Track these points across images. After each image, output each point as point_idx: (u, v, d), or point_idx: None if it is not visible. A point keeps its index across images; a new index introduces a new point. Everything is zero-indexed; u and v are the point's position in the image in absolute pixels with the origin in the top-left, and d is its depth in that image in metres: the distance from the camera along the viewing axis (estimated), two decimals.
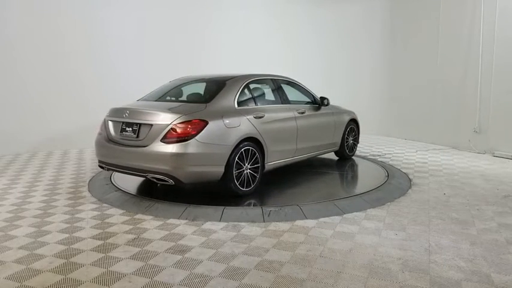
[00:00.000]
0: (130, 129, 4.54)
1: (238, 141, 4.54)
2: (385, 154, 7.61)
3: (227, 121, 4.53)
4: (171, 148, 4.19)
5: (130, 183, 5.30)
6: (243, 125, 4.67)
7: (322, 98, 6.24)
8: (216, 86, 5.10)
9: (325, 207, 4.28)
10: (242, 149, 4.59)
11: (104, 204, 4.50)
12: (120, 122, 4.69)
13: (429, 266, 2.93)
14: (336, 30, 10.83)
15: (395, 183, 5.24)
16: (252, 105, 5.08)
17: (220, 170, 4.42)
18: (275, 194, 4.92)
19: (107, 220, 3.97)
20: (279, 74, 6.05)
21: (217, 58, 9.49)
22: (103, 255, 3.15)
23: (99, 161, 4.92)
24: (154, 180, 4.40)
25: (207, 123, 4.33)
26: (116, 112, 4.84)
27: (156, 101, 5.24)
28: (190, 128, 4.25)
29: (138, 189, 5.02)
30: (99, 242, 3.41)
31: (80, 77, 8.37)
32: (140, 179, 5.67)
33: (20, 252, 3.21)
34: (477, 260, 3.04)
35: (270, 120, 5.07)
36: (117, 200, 4.57)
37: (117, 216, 4.10)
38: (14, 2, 7.57)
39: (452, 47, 8.46)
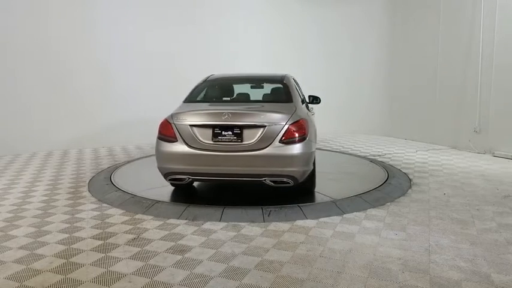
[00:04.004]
0: (230, 132, 4.20)
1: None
2: (385, 154, 7.61)
3: (312, 119, 4.64)
4: (293, 149, 4.15)
5: (130, 183, 5.29)
6: (314, 122, 4.79)
7: (315, 97, 6.29)
8: (280, 86, 5.19)
9: (325, 207, 4.28)
10: None
11: (104, 204, 4.50)
12: (211, 125, 4.26)
13: (429, 266, 2.93)
14: (337, 31, 10.83)
15: (395, 183, 5.24)
16: (303, 104, 5.17)
17: (312, 166, 4.49)
18: (277, 194, 4.92)
19: (107, 220, 3.97)
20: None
21: (218, 58, 9.46)
22: (103, 255, 3.15)
23: (176, 173, 4.35)
24: (271, 183, 4.23)
25: (307, 122, 4.41)
26: (199, 116, 4.39)
27: (222, 102, 5.14)
28: (302, 128, 4.27)
29: (138, 189, 5.00)
30: (99, 242, 3.41)
31: (80, 79, 8.38)
32: (140, 179, 5.67)
33: (20, 252, 3.21)
34: (477, 260, 3.04)
35: (312, 117, 5.22)
36: (117, 200, 4.57)
37: (117, 216, 4.10)
38: (19, 3, 7.58)
39: (452, 47, 8.46)
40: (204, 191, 4.96)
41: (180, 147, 4.28)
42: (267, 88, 5.50)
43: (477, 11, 7.78)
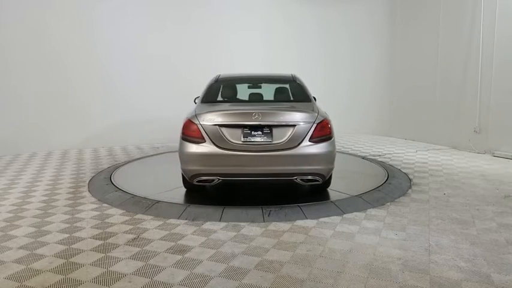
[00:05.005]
0: (260, 132, 4.22)
1: None
2: (385, 154, 7.61)
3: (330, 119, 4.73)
4: (323, 147, 4.27)
5: (130, 183, 5.29)
6: None
7: None
8: (294, 85, 5.26)
9: (325, 207, 4.28)
10: None
11: (104, 204, 4.50)
12: (240, 125, 4.24)
13: (429, 266, 2.93)
14: (337, 31, 10.81)
15: (395, 183, 5.24)
16: None
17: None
18: (275, 193, 4.92)
19: (107, 220, 3.97)
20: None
21: (218, 59, 9.44)
22: (103, 255, 3.15)
23: (205, 174, 4.28)
24: (301, 182, 4.32)
25: (330, 121, 4.50)
26: (228, 116, 4.32)
27: (242, 101, 5.13)
28: (328, 127, 4.38)
29: (138, 189, 4.99)
30: (99, 242, 3.41)
31: (80, 79, 8.38)
32: (140, 179, 5.67)
33: (20, 252, 3.21)
34: (477, 260, 3.04)
35: None
36: (117, 200, 4.57)
37: (117, 216, 4.10)
38: (19, 5, 7.58)
39: (452, 46, 8.46)
40: (203, 191, 4.95)
41: (208, 148, 4.22)
42: (281, 87, 5.53)
43: (477, 11, 7.78)
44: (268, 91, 5.56)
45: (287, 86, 5.48)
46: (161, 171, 6.31)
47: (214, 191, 5.01)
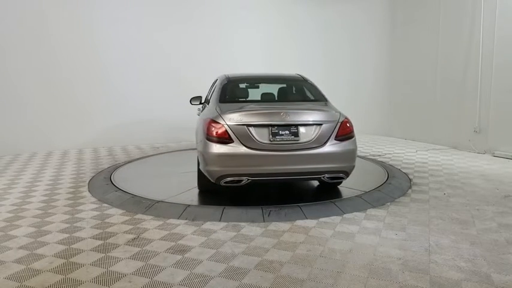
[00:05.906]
0: (288, 131, 4.24)
1: None
2: (385, 154, 7.61)
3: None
4: (348, 145, 4.41)
5: (130, 183, 5.29)
6: None
7: None
8: (307, 85, 5.33)
9: (325, 207, 4.28)
10: None
11: (104, 204, 4.50)
12: (268, 125, 4.22)
13: (429, 266, 2.93)
14: (337, 31, 10.81)
15: (395, 183, 5.24)
16: None
17: None
18: (275, 193, 4.92)
19: (107, 220, 3.97)
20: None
21: (218, 59, 9.44)
22: (103, 255, 3.15)
23: (233, 175, 4.20)
24: (327, 180, 4.39)
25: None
26: (256, 116, 4.30)
27: (261, 101, 5.07)
28: (351, 125, 4.51)
29: (138, 189, 4.99)
30: (99, 242, 3.41)
31: (80, 79, 8.38)
32: (140, 179, 5.67)
33: (20, 252, 3.22)
34: (477, 260, 3.04)
35: None
36: (117, 200, 4.57)
37: (117, 216, 4.10)
38: (18, 5, 7.58)
39: (453, 46, 8.46)
40: (203, 191, 4.95)
41: (237, 149, 4.16)
42: (295, 87, 5.54)
43: (477, 11, 7.78)
44: (277, 91, 5.53)
45: (300, 85, 5.49)
46: (162, 171, 6.31)
47: (214, 191, 5.01)
